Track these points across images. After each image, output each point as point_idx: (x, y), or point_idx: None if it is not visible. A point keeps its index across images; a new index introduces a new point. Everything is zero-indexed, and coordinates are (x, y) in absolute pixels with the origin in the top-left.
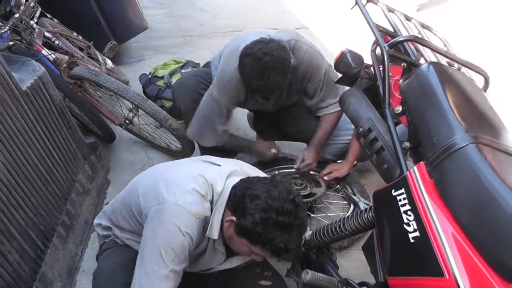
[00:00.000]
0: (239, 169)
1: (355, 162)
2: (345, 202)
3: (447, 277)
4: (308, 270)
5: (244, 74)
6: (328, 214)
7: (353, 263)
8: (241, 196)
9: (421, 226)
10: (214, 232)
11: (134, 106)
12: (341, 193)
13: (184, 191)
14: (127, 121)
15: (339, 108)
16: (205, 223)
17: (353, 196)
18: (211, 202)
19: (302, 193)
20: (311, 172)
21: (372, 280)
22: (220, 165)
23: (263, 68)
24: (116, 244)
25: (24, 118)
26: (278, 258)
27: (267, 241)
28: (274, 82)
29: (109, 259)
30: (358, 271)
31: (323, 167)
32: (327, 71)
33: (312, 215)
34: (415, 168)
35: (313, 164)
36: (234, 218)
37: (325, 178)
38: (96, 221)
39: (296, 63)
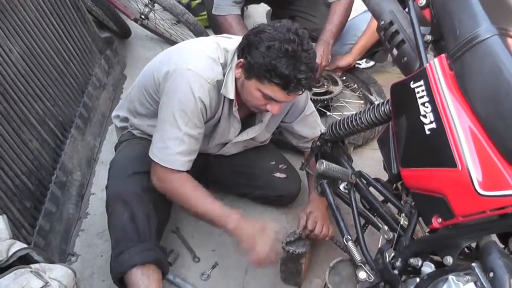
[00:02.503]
0: None
1: (373, 63)
2: (362, 101)
3: (460, 167)
4: (323, 160)
5: None
6: (344, 113)
7: (366, 161)
8: (246, 37)
9: (437, 118)
10: (229, 90)
11: (149, 0)
12: (358, 92)
13: (196, 56)
14: (142, 16)
15: None
16: (218, 88)
17: (370, 96)
18: (224, 65)
19: (318, 91)
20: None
21: (384, 179)
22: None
23: None
24: (133, 136)
25: (38, 10)
26: (288, 92)
27: (272, 69)
28: None
29: (126, 150)
30: (371, 169)
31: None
32: None
33: (328, 113)
34: (435, 60)
35: (323, 64)
36: (242, 60)
37: (327, 68)
38: (114, 113)
39: None
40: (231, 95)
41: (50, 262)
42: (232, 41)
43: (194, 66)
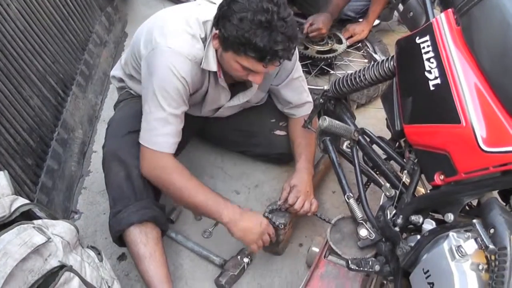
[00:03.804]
0: None
1: (378, 22)
2: (366, 60)
3: (464, 124)
4: (326, 117)
5: None
6: (347, 72)
7: (370, 120)
8: (220, 7)
9: (442, 74)
10: (210, 63)
11: None
12: (362, 51)
13: (175, 33)
14: None
15: None
16: (200, 63)
17: (374, 55)
18: (204, 39)
19: (322, 49)
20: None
21: (387, 138)
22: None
23: None
24: (130, 96)
25: None
26: (264, 64)
27: (246, 42)
28: None
29: (123, 109)
30: (375, 128)
31: (344, 25)
32: None
33: (331, 71)
34: (442, 15)
35: (323, 30)
36: (217, 32)
37: (347, 43)
38: (112, 73)
39: None
40: (214, 67)
41: (53, 218)
42: (214, 8)
43: (174, 44)
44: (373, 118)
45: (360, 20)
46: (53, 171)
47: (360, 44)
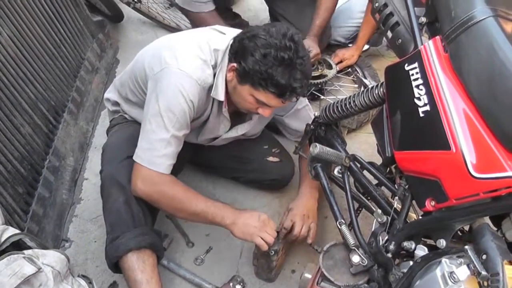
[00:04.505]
0: None
1: (368, 47)
2: (356, 85)
3: (454, 150)
4: (317, 144)
5: None
6: (338, 97)
7: (360, 145)
8: (239, 40)
9: (432, 100)
10: (219, 92)
11: None
12: (352, 76)
13: (187, 56)
14: (134, 0)
15: None
16: (208, 89)
17: (364, 80)
18: (215, 66)
19: (312, 75)
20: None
21: (378, 163)
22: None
23: None
24: (124, 120)
25: None
26: (283, 99)
27: (269, 77)
28: None
29: (117, 133)
30: (365, 153)
31: (333, 50)
32: None
33: (322, 97)
34: (430, 42)
35: (319, 54)
36: (235, 64)
37: (337, 68)
38: (106, 95)
39: None
40: (221, 97)
41: (43, 248)
42: (224, 39)
43: (185, 67)
44: (364, 143)
45: (350, 45)
46: (44, 199)
47: (350, 69)
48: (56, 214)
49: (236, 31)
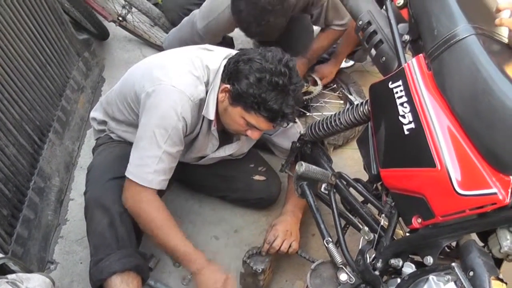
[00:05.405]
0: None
1: (353, 63)
2: (342, 101)
3: (439, 167)
4: (302, 162)
5: (240, 20)
6: (324, 113)
7: (347, 161)
8: (234, 63)
9: (416, 118)
10: (210, 111)
11: (126, 2)
12: (337, 92)
13: (179, 73)
14: (120, 18)
15: (344, 28)
16: (199, 106)
17: (350, 96)
18: (207, 84)
19: None
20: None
21: (365, 179)
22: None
23: (261, 13)
24: (110, 140)
25: (13, 11)
26: (274, 124)
27: (262, 101)
28: (274, 25)
29: (103, 153)
30: (352, 170)
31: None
32: None
33: (307, 113)
34: (413, 60)
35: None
36: (228, 86)
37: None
38: (92, 114)
39: None
40: (212, 116)
41: (28, 272)
42: (215, 56)
43: (178, 83)
44: (350, 159)
45: (328, 59)
46: (29, 221)
47: (335, 85)
48: (41, 235)
49: (223, 49)
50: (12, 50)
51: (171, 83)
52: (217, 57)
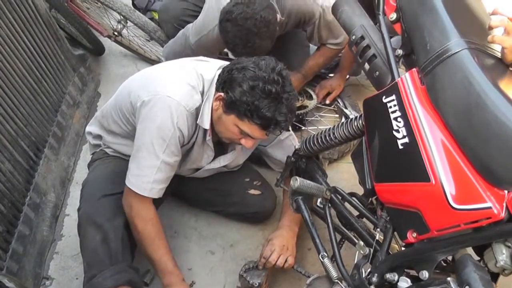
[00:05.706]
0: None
1: (347, 76)
2: (337, 115)
3: (433, 182)
4: (297, 177)
5: (226, 41)
6: (319, 127)
7: (342, 175)
8: (228, 71)
9: (410, 132)
10: (205, 121)
11: (122, 17)
12: (332, 106)
13: (175, 83)
14: (115, 33)
15: (340, 47)
16: (195, 115)
17: (345, 110)
18: (202, 93)
19: None
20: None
21: (360, 193)
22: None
23: (246, 35)
24: (105, 155)
25: (8, 27)
26: (267, 132)
27: (255, 109)
28: (260, 47)
29: (98, 169)
30: (347, 183)
31: (315, 81)
32: (321, 14)
33: (303, 127)
34: (406, 74)
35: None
36: (222, 94)
37: (327, 101)
38: (87, 128)
39: (287, 12)
40: (206, 125)
41: None
42: (210, 67)
43: (174, 94)
44: (345, 173)
45: (331, 75)
46: (25, 237)
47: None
48: (37, 251)
49: (218, 60)
50: (7, 66)
51: (167, 93)
52: (212, 67)
